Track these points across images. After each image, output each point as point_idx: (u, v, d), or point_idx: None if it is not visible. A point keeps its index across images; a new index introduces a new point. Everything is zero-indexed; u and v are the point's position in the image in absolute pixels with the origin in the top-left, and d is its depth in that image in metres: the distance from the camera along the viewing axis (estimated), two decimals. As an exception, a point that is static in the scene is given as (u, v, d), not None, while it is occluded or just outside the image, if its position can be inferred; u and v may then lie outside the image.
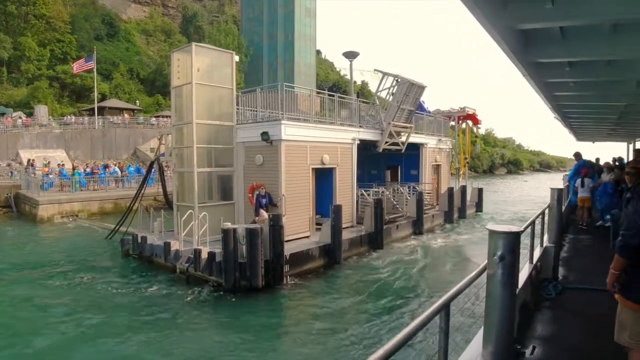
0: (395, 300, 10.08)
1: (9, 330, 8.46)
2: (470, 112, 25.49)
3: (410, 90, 16.49)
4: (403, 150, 18.05)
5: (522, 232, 2.73)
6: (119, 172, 29.11)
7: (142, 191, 16.26)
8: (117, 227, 16.43)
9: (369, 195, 16.58)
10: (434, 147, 21.42)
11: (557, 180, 34.59)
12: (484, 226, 16.66)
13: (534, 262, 4.76)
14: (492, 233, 2.54)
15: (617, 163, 12.20)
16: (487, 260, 2.56)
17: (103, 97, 46.76)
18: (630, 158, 14.42)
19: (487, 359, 2.65)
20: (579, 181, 10.79)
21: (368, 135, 16.20)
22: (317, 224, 14.03)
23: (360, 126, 16.02)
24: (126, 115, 42.94)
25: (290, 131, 12.78)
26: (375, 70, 18.40)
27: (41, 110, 39.52)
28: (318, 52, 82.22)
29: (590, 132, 19.31)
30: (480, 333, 2.85)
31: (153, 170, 17.23)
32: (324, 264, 12.44)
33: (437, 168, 22.18)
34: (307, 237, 13.41)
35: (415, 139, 18.90)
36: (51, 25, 50.72)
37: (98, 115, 39.50)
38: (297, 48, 71.16)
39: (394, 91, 16.56)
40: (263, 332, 8.35)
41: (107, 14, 63.17)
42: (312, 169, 13.83)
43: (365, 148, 16.92)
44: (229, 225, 10.50)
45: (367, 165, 21.02)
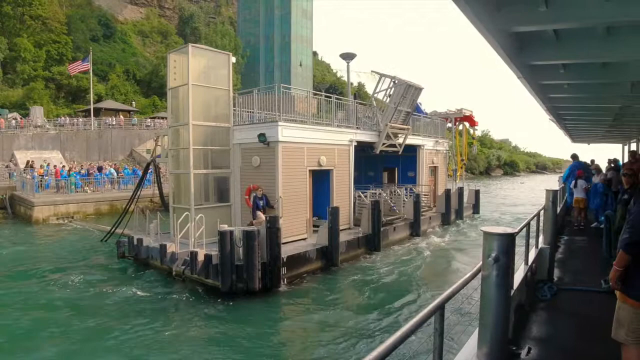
0: (393, 302, 10.07)
1: (2, 333, 8.40)
2: (467, 113, 25.56)
3: (408, 91, 16.53)
4: (400, 152, 18.08)
5: (516, 233, 2.75)
6: (115, 174, 28.98)
7: (138, 193, 16.21)
8: (113, 229, 16.35)
9: (366, 197, 16.59)
10: (431, 148, 21.46)
11: (553, 181, 34.75)
12: (481, 228, 16.70)
13: (529, 263, 4.78)
14: (486, 234, 2.55)
15: (612, 165, 12.30)
16: (482, 262, 2.58)
17: (99, 99, 46.55)
18: (626, 159, 14.51)
19: (482, 359, 2.66)
20: (574, 182, 10.87)
21: (365, 136, 16.21)
22: (314, 225, 14.01)
23: (357, 128, 16.01)
24: (121, 116, 42.76)
25: (287, 133, 12.76)
26: (372, 71, 18.45)
27: (37, 112, 39.29)
28: (314, 53, 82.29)
29: (586, 134, 19.39)
30: (475, 334, 2.86)
31: (149, 171, 17.19)
32: (321, 266, 12.40)
33: (434, 170, 22.22)
34: (304, 239, 13.36)
35: (412, 140, 18.93)
36: (47, 26, 50.58)
37: (94, 116, 39.34)
38: (294, 49, 71.17)
39: (391, 93, 16.59)
40: (260, 336, 8.31)
41: (104, 15, 62.98)
42: (309, 170, 13.81)
43: (362, 150, 16.92)
44: (225, 227, 10.43)
45: (364, 166, 21.07)
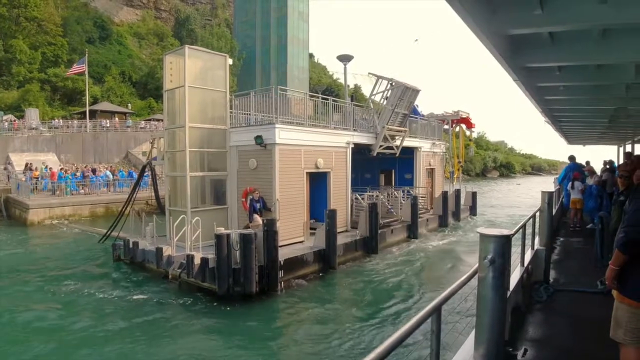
0: (391, 305, 10.05)
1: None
2: (464, 115, 25.61)
3: (405, 93, 16.56)
4: (397, 154, 18.10)
5: (512, 235, 2.75)
6: (111, 176, 28.84)
7: (134, 195, 16.13)
8: (109, 232, 16.26)
9: (363, 199, 16.59)
10: (428, 150, 21.50)
11: (549, 183, 34.86)
12: (477, 230, 16.75)
13: (525, 264, 4.79)
14: (482, 236, 2.56)
15: (608, 166, 12.37)
16: (478, 264, 2.58)
17: (95, 101, 46.38)
18: (621, 161, 14.59)
19: (479, 361, 2.66)
20: (570, 184, 10.95)
21: (362, 139, 16.22)
22: (312, 228, 13.98)
23: (354, 130, 16.01)
24: (116, 118, 42.60)
25: (284, 135, 12.74)
26: (369, 73, 18.46)
27: (32, 114, 39.08)
28: (311, 55, 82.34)
29: (581, 136, 19.52)
30: (472, 335, 2.86)
31: (145, 174, 17.12)
32: (318, 269, 12.34)
33: (431, 172, 22.26)
34: (301, 242, 13.32)
35: (409, 142, 18.95)
36: (43, 28, 50.27)
37: (90, 118, 39.16)
38: (290, 52, 71.18)
39: (388, 95, 16.62)
40: (257, 341, 8.26)
41: (99, 16, 62.73)
42: (307, 173, 13.78)
43: (359, 152, 16.92)
44: (222, 230, 10.38)
45: (361, 169, 21.04)
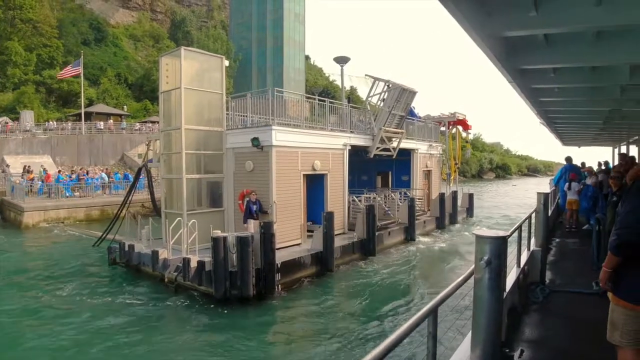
0: (388, 307, 10.03)
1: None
2: (461, 117, 25.67)
3: (402, 95, 16.59)
4: (394, 156, 18.11)
5: (508, 236, 2.75)
6: (106, 178, 28.70)
7: (130, 198, 16.05)
8: (104, 235, 16.13)
9: (360, 201, 16.57)
10: (424, 152, 21.54)
11: (545, 184, 35.05)
12: (473, 231, 16.82)
13: (522, 266, 4.80)
14: (478, 238, 2.56)
15: (603, 167, 12.45)
16: (474, 265, 2.59)
17: (90, 103, 46.18)
18: (616, 162, 14.68)
19: (476, 363, 2.66)
20: (567, 185, 10.99)
21: (359, 140, 16.23)
22: (309, 231, 13.93)
23: (351, 132, 16.02)
24: (111, 120, 42.43)
25: (281, 137, 12.72)
26: (366, 75, 18.52)
27: (27, 116, 38.87)
28: (307, 57, 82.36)
29: (576, 137, 19.64)
30: (468, 336, 2.86)
31: (141, 176, 17.05)
32: (316, 272, 12.31)
33: (428, 174, 22.30)
34: (298, 244, 13.28)
35: (406, 144, 18.99)
36: (38, 30, 50.03)
37: (85, 120, 39.00)
38: (286, 53, 71.23)
39: (385, 97, 16.66)
40: (255, 344, 8.21)
41: (95, 18, 62.53)
42: (303, 175, 13.77)
43: (356, 154, 16.93)
44: (218, 233, 10.33)
45: (358, 171, 21.05)
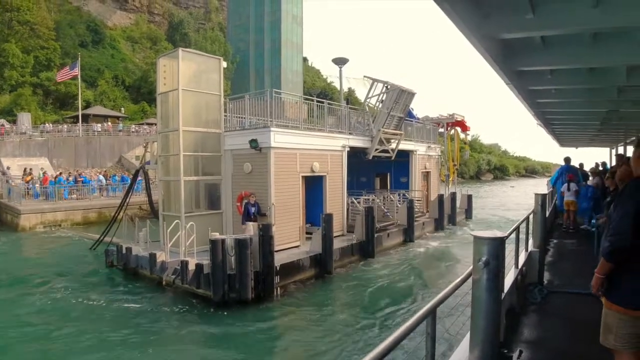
0: (388, 309, 10.02)
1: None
2: (459, 118, 25.72)
3: (400, 96, 16.59)
4: (393, 158, 18.10)
5: (506, 237, 2.76)
6: (104, 181, 28.60)
7: (127, 200, 15.99)
8: (102, 237, 16.08)
9: (359, 203, 16.55)
10: (423, 154, 21.53)
11: (543, 185, 35.11)
12: (470, 232, 16.84)
13: (520, 266, 4.81)
14: (476, 239, 2.57)
15: (601, 168, 12.50)
16: (472, 266, 2.59)
17: (87, 105, 46.10)
18: (614, 163, 14.72)
19: (474, 364, 2.66)
20: (565, 185, 11.02)
21: (358, 142, 16.22)
22: (307, 233, 13.87)
23: (350, 133, 16.01)
24: (109, 122, 42.33)
25: (279, 138, 12.69)
26: (364, 76, 18.50)
27: (24, 118, 38.75)
28: (305, 59, 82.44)
29: (574, 138, 19.68)
30: (467, 337, 2.87)
31: (139, 179, 17.00)
32: (315, 274, 12.25)
33: (426, 175, 22.28)
34: (297, 246, 13.22)
35: (404, 146, 18.98)
36: (35, 32, 49.90)
37: (83, 122, 38.88)
38: (284, 55, 71.27)
39: (383, 98, 16.65)
40: (253, 348, 8.18)
41: (92, 20, 62.48)
42: (302, 177, 13.73)
43: (354, 155, 16.91)
44: (217, 235, 10.28)
45: (356, 172, 21.05)
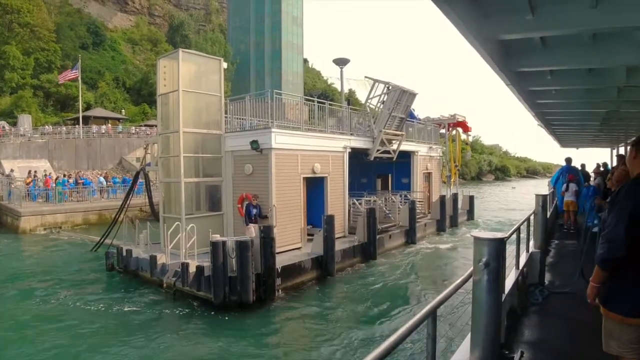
0: (390, 311, 9.98)
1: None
2: (461, 119, 25.71)
3: (402, 97, 16.57)
4: (394, 159, 18.05)
5: (507, 238, 2.76)
6: (104, 182, 28.63)
7: (128, 202, 15.98)
8: (102, 240, 16.07)
9: (360, 204, 16.51)
10: (425, 155, 21.50)
11: (544, 186, 35.04)
12: (471, 233, 16.84)
13: (520, 267, 4.80)
14: (477, 240, 2.56)
15: (602, 168, 12.49)
16: (473, 267, 2.59)
17: (88, 106, 46.14)
18: (615, 163, 14.71)
19: (475, 364, 2.65)
20: (565, 186, 11.02)
21: (359, 143, 16.18)
22: (309, 234, 13.83)
23: (351, 134, 15.98)
24: (109, 124, 42.36)
25: (280, 139, 12.66)
26: (365, 77, 18.49)
27: (25, 120, 38.80)
28: (305, 60, 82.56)
29: (574, 139, 19.66)
30: (467, 338, 2.86)
31: (140, 180, 16.99)
32: (316, 276, 12.21)
33: (428, 176, 22.25)
34: (298, 248, 13.19)
35: (406, 146, 18.95)
36: (36, 34, 49.96)
37: (83, 124, 38.91)
38: (284, 56, 71.41)
39: (384, 99, 16.63)
40: (254, 351, 8.13)
41: (93, 22, 62.59)
42: (303, 178, 13.69)
43: (355, 156, 16.88)
44: (218, 237, 10.23)
45: (358, 173, 21.03)
